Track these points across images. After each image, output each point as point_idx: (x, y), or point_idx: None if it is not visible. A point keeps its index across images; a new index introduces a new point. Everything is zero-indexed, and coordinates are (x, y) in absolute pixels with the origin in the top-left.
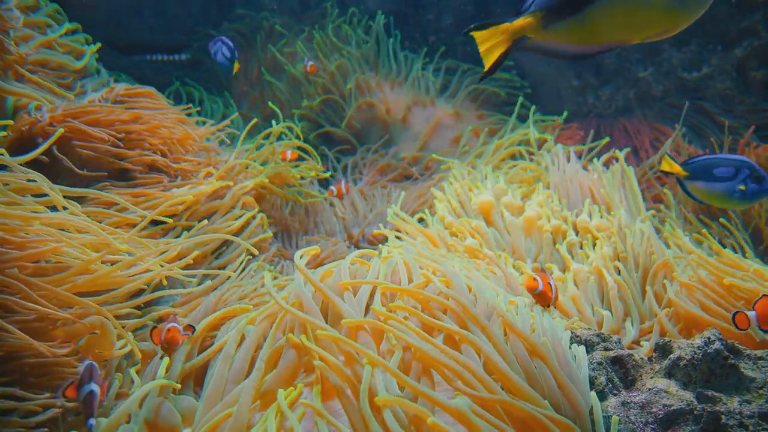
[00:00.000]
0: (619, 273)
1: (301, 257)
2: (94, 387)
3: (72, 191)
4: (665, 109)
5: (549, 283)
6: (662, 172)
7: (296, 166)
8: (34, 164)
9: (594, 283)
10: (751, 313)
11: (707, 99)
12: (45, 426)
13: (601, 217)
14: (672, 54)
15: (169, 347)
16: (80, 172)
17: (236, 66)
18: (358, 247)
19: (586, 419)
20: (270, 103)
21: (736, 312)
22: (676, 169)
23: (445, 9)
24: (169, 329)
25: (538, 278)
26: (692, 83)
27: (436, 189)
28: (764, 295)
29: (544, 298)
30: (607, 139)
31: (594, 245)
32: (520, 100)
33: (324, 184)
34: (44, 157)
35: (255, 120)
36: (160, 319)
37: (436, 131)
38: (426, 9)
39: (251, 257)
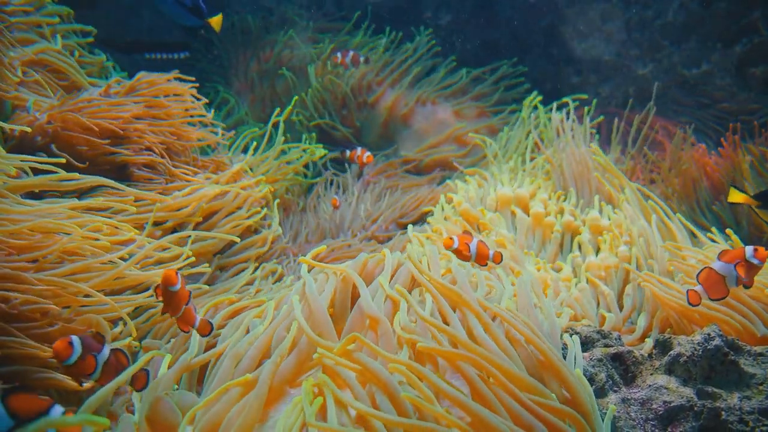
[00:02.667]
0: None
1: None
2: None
3: (77, 183)
4: (665, 106)
5: (466, 243)
6: (731, 203)
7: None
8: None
9: (605, 279)
10: (698, 288)
11: (707, 95)
12: None
13: (608, 211)
14: (672, 51)
15: (164, 292)
16: (80, 165)
17: (217, 21)
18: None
19: (589, 411)
20: (295, 97)
21: (688, 290)
22: (747, 200)
23: (443, 6)
24: (164, 273)
25: (455, 237)
26: (692, 80)
27: (458, 180)
28: (705, 267)
29: (461, 256)
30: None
31: (600, 243)
32: (535, 95)
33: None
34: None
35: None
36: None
37: (436, 128)
38: (425, 6)
39: (257, 258)
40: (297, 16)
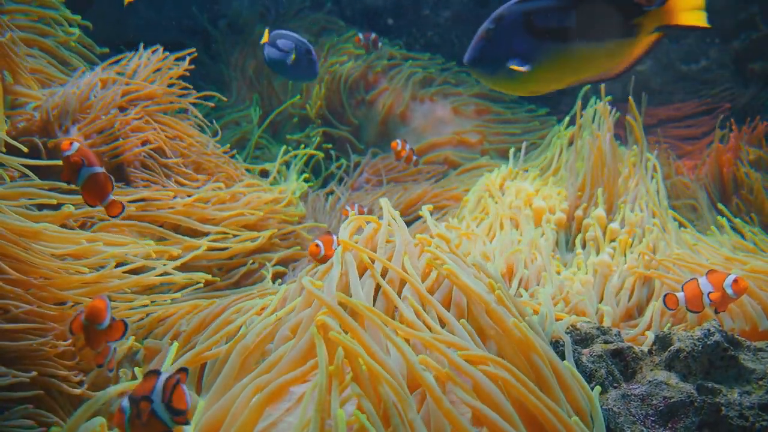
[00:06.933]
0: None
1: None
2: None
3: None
4: (664, 102)
5: (334, 248)
6: None
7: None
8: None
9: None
10: (680, 295)
11: (705, 91)
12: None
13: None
14: (670, 47)
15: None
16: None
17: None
18: None
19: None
20: (308, 100)
21: (666, 294)
22: None
23: (442, 4)
24: None
25: (320, 243)
26: (691, 76)
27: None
28: (693, 279)
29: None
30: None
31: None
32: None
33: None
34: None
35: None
36: (161, 320)
37: (434, 126)
38: (424, 4)
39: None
40: (294, 14)
